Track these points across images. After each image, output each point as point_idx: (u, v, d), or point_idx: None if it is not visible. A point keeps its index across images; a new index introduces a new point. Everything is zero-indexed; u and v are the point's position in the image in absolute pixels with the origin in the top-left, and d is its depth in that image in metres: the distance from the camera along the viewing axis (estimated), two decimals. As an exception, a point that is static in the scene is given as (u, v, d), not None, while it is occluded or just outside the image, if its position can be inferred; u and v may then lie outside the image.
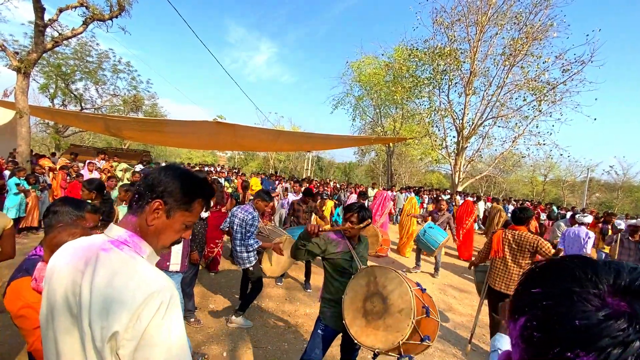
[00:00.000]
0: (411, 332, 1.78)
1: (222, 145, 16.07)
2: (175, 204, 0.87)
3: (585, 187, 24.22)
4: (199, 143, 14.63)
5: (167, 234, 0.88)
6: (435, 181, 34.06)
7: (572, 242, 5.07)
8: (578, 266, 0.42)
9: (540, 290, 0.43)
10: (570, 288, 0.40)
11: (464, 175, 13.43)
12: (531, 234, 3.34)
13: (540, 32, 11.28)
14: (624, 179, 27.80)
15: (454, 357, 3.51)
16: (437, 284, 5.92)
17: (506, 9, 11.68)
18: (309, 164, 21.18)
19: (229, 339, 3.35)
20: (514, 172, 27.12)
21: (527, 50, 11.34)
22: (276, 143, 13.39)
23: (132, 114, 20.70)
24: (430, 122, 13.63)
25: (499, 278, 3.38)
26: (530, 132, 11.92)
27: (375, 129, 21.43)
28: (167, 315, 0.73)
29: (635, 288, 0.37)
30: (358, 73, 20.40)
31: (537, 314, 0.41)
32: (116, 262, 0.77)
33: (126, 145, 23.99)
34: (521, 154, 13.44)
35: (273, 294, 4.60)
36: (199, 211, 0.93)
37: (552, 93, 11.27)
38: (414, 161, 27.73)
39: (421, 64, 13.85)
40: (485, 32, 12.09)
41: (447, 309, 4.81)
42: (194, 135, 11.06)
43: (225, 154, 45.19)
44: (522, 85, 11.69)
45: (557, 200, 27.31)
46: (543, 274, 0.45)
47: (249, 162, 38.23)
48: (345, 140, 13.71)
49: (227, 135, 10.59)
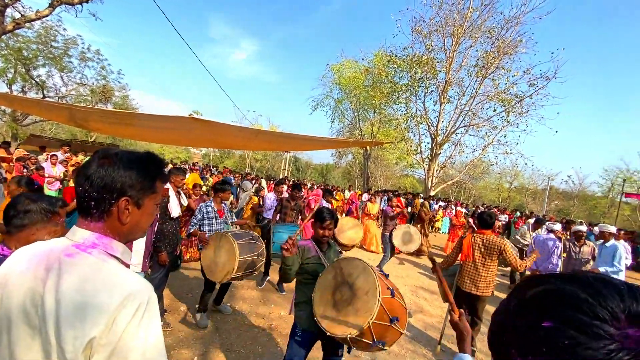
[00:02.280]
0: (379, 311, 1.81)
1: (196, 141, 15.61)
2: (141, 193, 0.82)
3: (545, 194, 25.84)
4: (173, 138, 14.12)
5: (144, 221, 0.86)
6: (409, 185, 34.97)
7: (540, 249, 5.35)
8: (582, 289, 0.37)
9: (553, 324, 0.37)
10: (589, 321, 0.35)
11: (437, 181, 13.91)
12: (497, 237, 3.52)
13: (511, 47, 11.92)
14: (579, 189, 29.96)
15: (424, 357, 3.61)
16: (409, 286, 6.07)
17: (480, 23, 12.23)
18: (286, 164, 21.03)
19: (199, 342, 3.25)
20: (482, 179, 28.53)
21: (499, 64, 11.95)
22: (253, 142, 13.20)
23: (101, 105, 19.65)
24: (406, 127, 14.00)
25: (469, 280, 3.53)
26: (499, 142, 12.55)
27: (354, 132, 21.69)
28: (145, 318, 0.71)
29: None
30: (338, 76, 20.59)
31: (565, 358, 0.35)
32: (85, 267, 0.72)
33: (93, 138, 22.72)
34: (490, 162, 14.12)
35: (247, 296, 4.52)
36: (162, 186, 0.90)
37: (519, 105, 11.94)
38: (390, 165, 28.33)
39: (399, 71, 14.22)
40: (461, 43, 12.60)
41: (418, 311, 4.94)
42: (168, 130, 10.65)
43: (200, 151, 43.95)
44: (492, 96, 12.30)
45: (521, 207, 28.91)
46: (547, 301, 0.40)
47: (224, 160, 37.40)
48: (323, 142, 13.76)
49: (203, 132, 10.29)
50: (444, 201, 16.31)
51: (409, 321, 4.47)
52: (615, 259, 4.52)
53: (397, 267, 7.05)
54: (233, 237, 3.23)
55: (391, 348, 3.64)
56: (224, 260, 3.23)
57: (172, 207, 3.47)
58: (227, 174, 14.85)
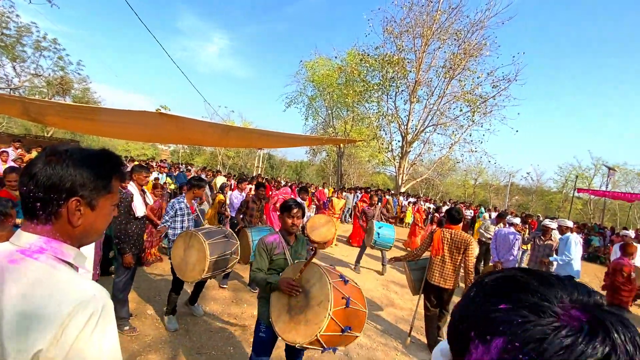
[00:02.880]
0: (329, 324, 1.81)
1: (164, 138, 14.96)
2: (95, 193, 0.77)
3: (507, 190, 27.49)
4: (139, 134, 13.43)
5: (99, 223, 0.81)
6: (381, 182, 35.76)
7: (502, 242, 5.70)
8: (534, 278, 0.43)
9: (509, 306, 0.41)
10: (540, 302, 0.39)
11: (407, 178, 14.35)
12: (465, 233, 3.68)
13: (476, 50, 12.51)
14: (537, 185, 32.12)
15: (395, 350, 3.72)
16: (380, 280, 6.22)
17: (448, 25, 12.72)
18: (259, 162, 20.73)
19: (168, 346, 3.14)
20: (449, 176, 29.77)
21: (465, 65, 12.51)
22: (225, 138, 12.87)
23: (58, 98, 18.29)
24: (378, 126, 14.32)
25: (438, 273, 3.67)
26: (465, 140, 13.19)
27: (327, 129, 21.80)
28: (99, 327, 0.66)
29: (582, 300, 0.40)
30: (312, 73, 20.58)
31: (518, 334, 0.38)
32: (32, 273, 0.67)
33: (49, 133, 21.09)
34: (456, 160, 14.80)
35: (218, 296, 4.42)
36: (119, 185, 0.85)
37: (483, 105, 12.60)
38: (362, 163, 28.79)
39: (372, 70, 14.47)
40: (430, 44, 13.05)
41: (389, 304, 5.08)
42: (133, 125, 10.11)
43: (169, 147, 42.22)
44: (459, 96, 12.87)
45: (485, 202, 30.48)
46: (504, 287, 0.44)
47: (194, 156, 36.21)
48: (297, 139, 13.68)
49: (171, 128, 9.87)
50: (414, 197, 16.84)
51: (380, 314, 4.61)
52: (567, 249, 4.91)
53: (370, 261, 7.19)
54: (204, 236, 3.13)
55: (362, 342, 3.73)
56: (194, 260, 3.13)
57: (136, 206, 3.31)
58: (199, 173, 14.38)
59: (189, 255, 3.18)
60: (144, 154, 35.87)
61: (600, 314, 0.38)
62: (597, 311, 0.38)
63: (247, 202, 5.06)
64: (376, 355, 3.52)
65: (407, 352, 3.69)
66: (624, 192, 21.35)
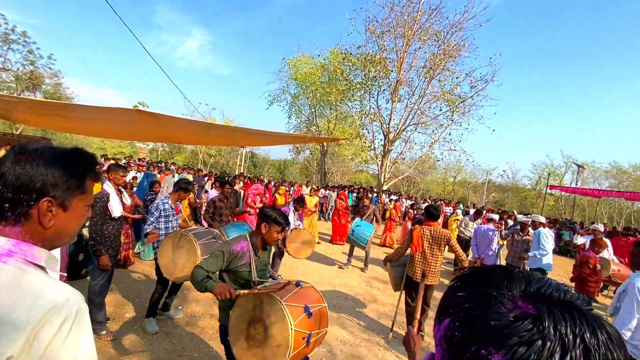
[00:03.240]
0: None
1: (142, 135, 14.53)
2: (67, 193, 0.74)
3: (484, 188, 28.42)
4: (115, 132, 12.97)
5: (72, 225, 0.78)
6: (364, 180, 36.13)
7: (482, 238, 5.92)
8: (497, 274, 0.47)
9: (464, 294, 0.46)
10: (490, 292, 0.44)
11: (389, 176, 14.57)
12: (444, 229, 3.79)
13: (455, 51, 12.80)
14: (513, 182, 33.37)
15: (378, 345, 3.79)
16: (363, 277, 6.30)
17: (428, 26, 12.95)
18: (242, 160, 20.46)
19: (148, 350, 3.06)
20: (430, 174, 30.44)
21: (444, 66, 12.78)
22: (206, 136, 12.64)
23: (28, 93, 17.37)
24: (361, 125, 14.44)
25: (420, 270, 3.75)
26: (444, 139, 13.49)
27: (311, 128, 21.76)
28: (73, 332, 0.65)
29: (541, 294, 0.42)
30: (294, 71, 20.47)
31: (460, 315, 0.44)
32: (0, 278, 0.64)
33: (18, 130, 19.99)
34: (436, 158, 15.13)
35: (200, 297, 4.35)
36: (93, 185, 0.83)
37: (462, 105, 12.92)
38: (346, 161, 28.97)
39: (354, 69, 14.56)
40: (411, 45, 13.24)
41: (372, 301, 5.16)
42: (109, 123, 9.73)
43: (147, 146, 40.96)
44: (439, 96, 13.14)
45: (463, 199, 31.39)
46: (468, 279, 0.49)
47: (174, 155, 35.28)
48: (280, 137, 13.62)
49: (150, 125, 9.59)
50: (395, 194, 17.14)
51: (363, 311, 4.67)
52: (540, 243, 5.14)
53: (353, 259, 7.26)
54: (194, 237, 3.09)
55: (346, 338, 3.78)
56: (183, 261, 3.08)
57: (112, 206, 3.20)
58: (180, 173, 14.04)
59: (178, 256, 3.12)
60: (121, 152, 34.63)
61: (548, 306, 0.40)
62: (548, 304, 0.40)
63: (214, 202, 4.93)
64: (359, 351, 3.57)
65: (389, 347, 3.76)
66: (592, 189, 22.52)
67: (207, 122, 13.27)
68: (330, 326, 4.03)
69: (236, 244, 2.12)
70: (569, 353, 0.36)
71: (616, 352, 0.38)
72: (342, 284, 5.70)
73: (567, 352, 0.36)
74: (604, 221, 24.06)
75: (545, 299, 0.42)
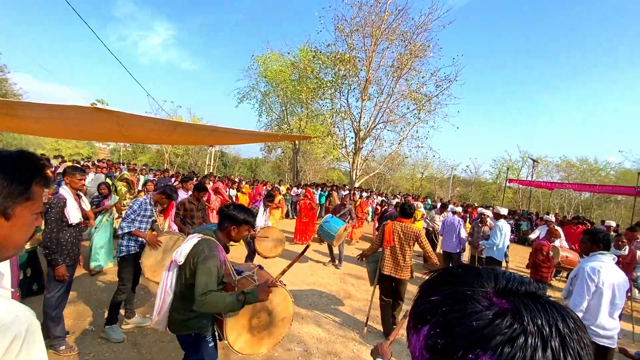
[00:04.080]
0: None
1: (103, 135, 13.63)
2: (10, 200, 0.68)
3: (449, 183, 29.78)
4: (71, 132, 12.06)
5: (17, 235, 0.71)
6: (337, 178, 36.44)
7: (449, 229, 6.25)
8: (466, 272, 0.46)
9: (439, 297, 0.44)
10: (464, 291, 0.43)
11: (360, 173, 14.83)
12: (414, 226, 3.92)
13: (421, 51, 13.25)
14: (475, 176, 35.18)
15: (354, 340, 3.85)
16: (338, 274, 6.37)
17: (395, 26, 13.28)
18: (211, 159, 19.87)
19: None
20: (399, 170, 31.34)
21: (411, 65, 13.19)
22: (172, 135, 12.11)
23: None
24: (332, 123, 14.55)
25: (390, 264, 3.86)
26: (412, 136, 13.94)
27: (282, 126, 21.60)
28: (24, 352, 0.60)
29: (510, 288, 0.43)
30: (264, 68, 20.20)
31: (439, 320, 0.42)
32: None
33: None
34: (405, 155, 15.60)
35: (169, 304, 4.17)
36: (42, 191, 0.76)
37: (428, 104, 13.42)
38: (318, 159, 29.06)
39: (324, 67, 14.62)
40: (379, 44, 13.51)
41: (347, 297, 5.23)
42: (65, 122, 9.02)
43: (108, 146, 38.56)
44: (406, 95, 13.55)
45: (430, 194, 32.70)
46: (439, 282, 0.48)
47: (138, 155, 33.50)
48: (251, 135, 13.39)
49: (110, 125, 9.03)
50: (367, 191, 17.49)
51: (338, 307, 4.72)
52: (493, 235, 5.49)
53: (326, 258, 7.32)
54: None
55: (322, 336, 3.80)
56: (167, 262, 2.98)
57: (70, 212, 2.98)
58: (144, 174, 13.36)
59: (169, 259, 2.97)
60: (79, 153, 32.32)
61: (521, 299, 0.41)
62: (519, 298, 0.41)
63: (183, 204, 4.71)
64: (335, 348, 3.61)
65: (364, 341, 3.83)
66: (546, 182, 24.33)
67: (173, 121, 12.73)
68: (306, 324, 4.04)
69: (218, 252, 1.96)
70: (549, 344, 0.36)
71: (584, 335, 0.39)
72: (317, 282, 5.73)
73: (547, 344, 0.36)
74: (556, 211, 26.12)
75: (514, 292, 0.43)
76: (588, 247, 2.71)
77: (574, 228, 7.66)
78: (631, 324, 4.87)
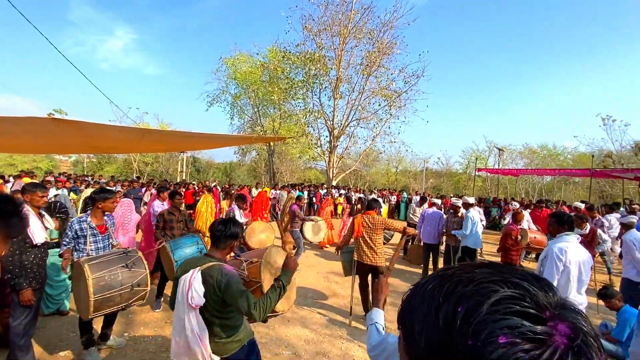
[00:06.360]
0: None
1: (63, 147, 12.83)
2: None
3: (423, 175, 30.68)
4: (26, 146, 11.25)
5: None
6: (314, 177, 36.48)
7: (429, 221, 6.36)
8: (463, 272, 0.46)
9: (507, 342, 0.35)
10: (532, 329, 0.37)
11: (337, 171, 14.96)
12: (379, 216, 4.33)
13: (388, 48, 13.54)
14: (446, 168, 36.47)
15: (341, 338, 3.88)
16: (321, 273, 6.40)
17: (362, 25, 13.49)
18: (183, 166, 19.23)
19: (92, 387, 2.74)
20: (374, 166, 31.91)
21: (379, 63, 13.45)
22: (140, 143, 11.65)
23: None
24: (306, 122, 14.56)
25: (363, 253, 4.25)
26: (385, 132, 14.24)
27: (255, 128, 21.26)
28: None
29: (558, 303, 0.41)
30: (233, 70, 19.80)
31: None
32: None
33: None
34: (379, 151, 15.92)
35: (148, 320, 4.01)
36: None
37: (398, 100, 13.75)
38: (294, 159, 28.93)
39: (295, 67, 14.59)
40: (347, 43, 13.68)
41: (332, 295, 5.27)
42: (19, 135, 8.38)
43: (69, 158, 36.29)
44: (377, 92, 13.81)
45: (406, 187, 33.51)
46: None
47: (104, 166, 31.76)
48: (224, 139, 13.14)
49: (70, 135, 8.51)
50: (344, 188, 17.66)
51: (324, 306, 4.74)
52: (465, 224, 5.70)
53: (311, 256, 7.33)
54: (90, 269, 2.57)
55: (309, 337, 3.81)
56: (83, 295, 2.62)
57: (33, 231, 2.79)
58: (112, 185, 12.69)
59: (80, 290, 2.68)
60: (37, 167, 30.16)
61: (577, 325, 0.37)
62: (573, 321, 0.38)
63: (162, 215, 4.44)
64: (323, 347, 3.62)
65: (352, 338, 3.88)
66: (511, 169, 25.66)
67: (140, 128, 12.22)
68: (292, 327, 4.04)
69: (228, 270, 1.90)
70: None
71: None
72: (301, 282, 5.72)
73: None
74: (522, 195, 27.60)
75: (563, 311, 0.40)
76: (555, 229, 2.90)
77: (539, 211, 8.14)
78: (595, 298, 5.26)
